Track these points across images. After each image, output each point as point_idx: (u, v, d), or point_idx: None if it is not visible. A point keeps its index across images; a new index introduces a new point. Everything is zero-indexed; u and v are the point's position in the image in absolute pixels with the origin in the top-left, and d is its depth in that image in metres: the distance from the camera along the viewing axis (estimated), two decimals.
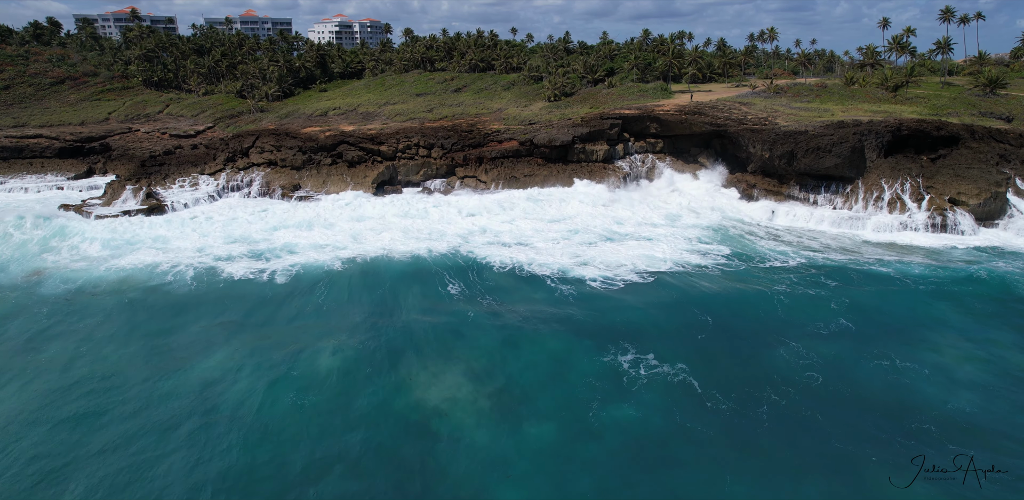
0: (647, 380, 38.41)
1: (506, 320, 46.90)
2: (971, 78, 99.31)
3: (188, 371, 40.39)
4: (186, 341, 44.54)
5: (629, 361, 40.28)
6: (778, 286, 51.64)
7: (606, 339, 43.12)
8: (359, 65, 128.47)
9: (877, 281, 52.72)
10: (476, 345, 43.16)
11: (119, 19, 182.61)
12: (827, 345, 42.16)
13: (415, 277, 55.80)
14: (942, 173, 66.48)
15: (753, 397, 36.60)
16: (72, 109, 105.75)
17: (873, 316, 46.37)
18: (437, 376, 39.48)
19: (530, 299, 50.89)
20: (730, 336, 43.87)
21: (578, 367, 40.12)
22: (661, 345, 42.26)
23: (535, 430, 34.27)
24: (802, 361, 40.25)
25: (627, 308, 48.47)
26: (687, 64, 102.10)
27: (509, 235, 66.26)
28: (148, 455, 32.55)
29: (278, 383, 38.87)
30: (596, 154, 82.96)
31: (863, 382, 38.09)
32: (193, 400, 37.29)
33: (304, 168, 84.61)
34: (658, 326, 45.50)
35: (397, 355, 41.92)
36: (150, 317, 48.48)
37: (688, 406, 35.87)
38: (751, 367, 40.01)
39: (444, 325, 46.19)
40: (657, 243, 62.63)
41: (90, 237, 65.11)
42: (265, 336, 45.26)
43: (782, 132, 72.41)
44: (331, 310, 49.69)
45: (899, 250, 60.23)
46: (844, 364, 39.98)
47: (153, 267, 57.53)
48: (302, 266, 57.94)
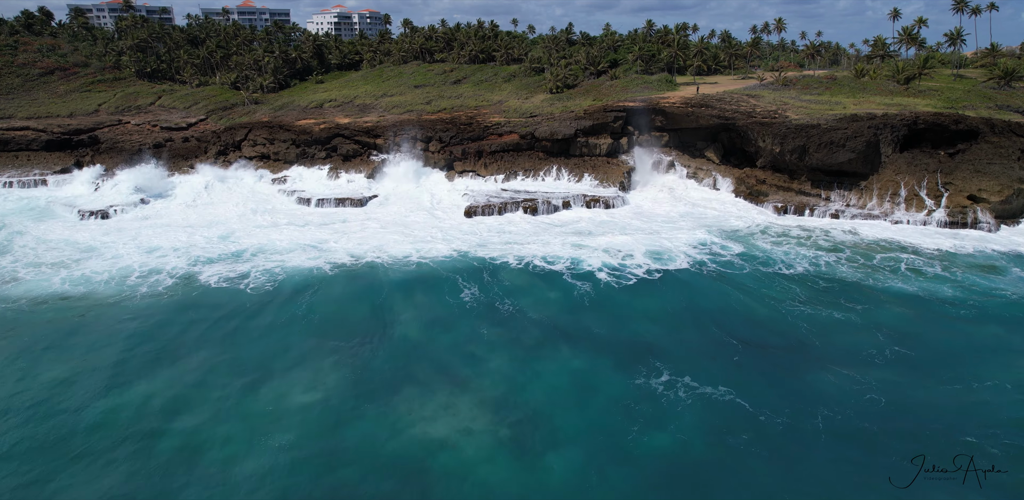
0: (685, 402, 35.14)
1: (519, 332, 43.16)
2: (984, 70, 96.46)
3: (127, 399, 35.31)
4: (131, 360, 39.45)
5: (663, 382, 36.99)
6: (802, 295, 48.27)
7: (632, 357, 39.68)
8: (357, 56, 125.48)
9: (904, 291, 49.03)
10: (486, 367, 38.95)
11: (114, 9, 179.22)
12: (878, 370, 38.52)
13: (414, 281, 51.81)
14: (961, 169, 63.59)
15: (806, 416, 33.70)
16: (61, 100, 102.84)
17: (914, 337, 42.66)
18: (435, 399, 35.73)
19: (544, 301, 47.77)
20: (765, 354, 40.37)
21: (606, 390, 36.53)
22: (695, 365, 38.76)
23: (560, 461, 30.69)
24: (855, 381, 37.09)
25: (648, 318, 45.06)
26: (692, 56, 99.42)
27: (511, 230, 63.68)
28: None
29: (239, 419, 33.71)
30: (599, 148, 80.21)
31: (925, 400, 35.22)
32: (128, 438, 31.75)
33: (297, 162, 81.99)
34: (687, 343, 41.83)
35: (392, 379, 37.49)
36: (112, 331, 43.42)
37: (734, 429, 32.90)
38: (797, 387, 36.74)
39: (447, 340, 42.34)
40: (667, 241, 59.59)
41: (60, 238, 61.39)
42: (229, 356, 40.28)
43: (793, 126, 69.65)
44: (314, 324, 44.63)
45: (921, 252, 56.49)
46: (901, 386, 36.74)
47: (124, 274, 53.10)
48: (285, 270, 53.47)
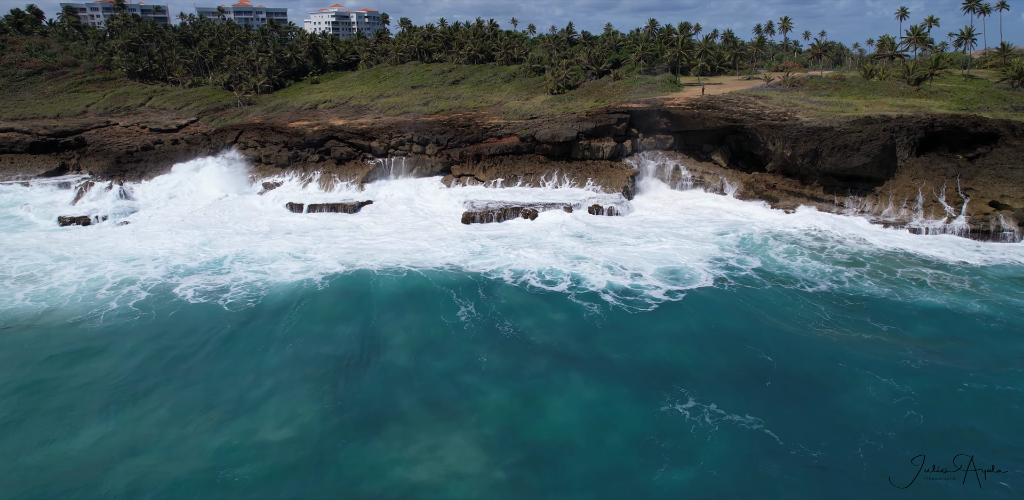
0: (713, 431, 32.44)
1: (521, 358, 39.81)
2: (996, 71, 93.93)
3: (74, 443, 32.35)
4: (84, 397, 36.34)
5: (690, 409, 34.24)
6: (827, 314, 45.32)
7: (654, 385, 36.75)
8: (353, 56, 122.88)
9: (932, 306, 46.23)
10: (483, 400, 35.77)
11: (107, 8, 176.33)
12: (912, 392, 35.90)
13: (407, 298, 48.29)
14: (982, 174, 60.72)
15: (844, 446, 31.51)
16: (48, 101, 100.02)
17: (946, 353, 40.30)
18: (422, 436, 32.51)
19: (549, 323, 44.32)
20: (794, 379, 37.61)
21: (623, 424, 33.66)
22: (723, 392, 36.02)
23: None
24: (889, 403, 34.78)
25: (664, 340, 41.94)
26: (696, 56, 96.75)
27: (511, 241, 60.85)
28: None
29: (196, 459, 30.55)
30: (602, 151, 77.44)
31: (968, 425, 32.95)
32: (71, 490, 28.84)
33: (289, 165, 79.20)
34: (713, 368, 38.74)
35: (375, 413, 34.43)
36: (67, 361, 40.34)
37: (767, 463, 30.57)
38: (831, 414, 34.27)
39: (440, 368, 38.99)
40: (677, 253, 56.29)
41: (33, 246, 58.20)
42: (197, 388, 37.25)
43: (805, 128, 66.92)
44: (294, 348, 41.21)
45: (946, 266, 53.19)
46: (939, 409, 34.40)
47: (95, 287, 50.07)
48: (268, 284, 50.06)
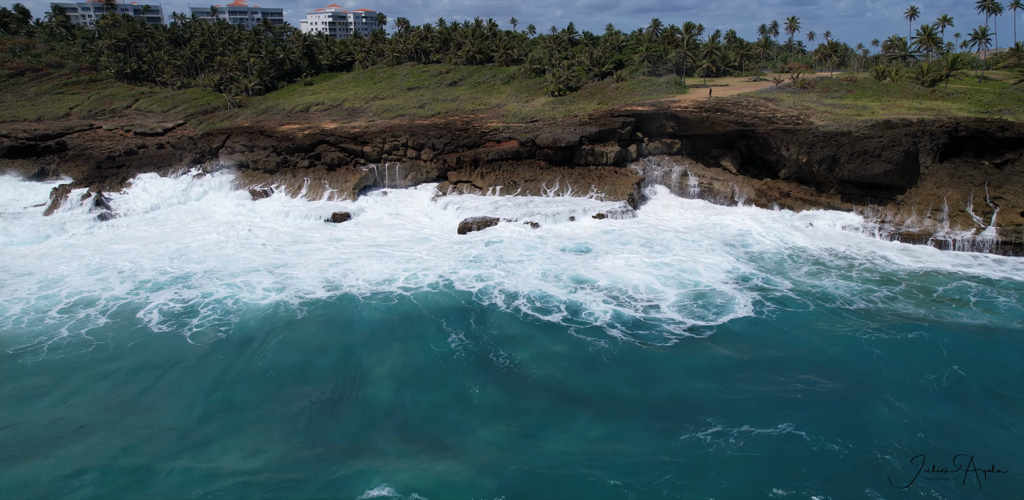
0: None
1: (519, 394, 36.39)
2: (1011, 72, 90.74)
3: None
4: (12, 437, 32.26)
5: (709, 441, 31.25)
6: (857, 338, 41.07)
7: (673, 418, 33.77)
8: (349, 57, 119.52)
9: (979, 334, 41.89)
10: (474, 437, 32.70)
11: (99, 8, 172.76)
12: (970, 423, 33.33)
13: (395, 321, 44.25)
14: (1012, 181, 56.98)
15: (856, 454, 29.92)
16: (30, 103, 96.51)
17: (998, 386, 36.95)
18: (400, 475, 29.21)
19: (549, 355, 40.15)
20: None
21: (633, 462, 30.36)
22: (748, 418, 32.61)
23: None
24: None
25: (683, 375, 38.07)
26: (702, 56, 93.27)
27: (509, 255, 57.17)
28: None
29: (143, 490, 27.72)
30: (606, 156, 73.81)
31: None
32: None
33: (278, 171, 75.54)
34: (742, 399, 35.05)
35: (351, 451, 31.26)
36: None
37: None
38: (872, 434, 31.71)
39: (428, 403, 35.53)
40: (693, 265, 52.35)
41: None
42: (151, 424, 33.39)
43: (821, 133, 63.33)
44: (266, 381, 37.54)
45: (991, 282, 48.78)
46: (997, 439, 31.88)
47: (46, 307, 45.93)
48: (241, 304, 45.85)
